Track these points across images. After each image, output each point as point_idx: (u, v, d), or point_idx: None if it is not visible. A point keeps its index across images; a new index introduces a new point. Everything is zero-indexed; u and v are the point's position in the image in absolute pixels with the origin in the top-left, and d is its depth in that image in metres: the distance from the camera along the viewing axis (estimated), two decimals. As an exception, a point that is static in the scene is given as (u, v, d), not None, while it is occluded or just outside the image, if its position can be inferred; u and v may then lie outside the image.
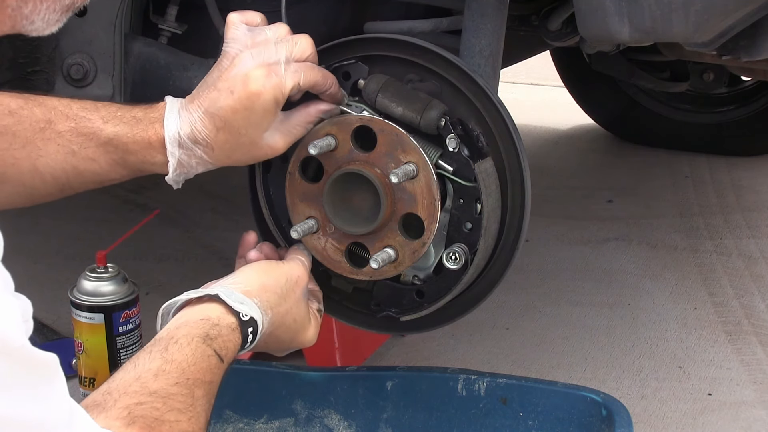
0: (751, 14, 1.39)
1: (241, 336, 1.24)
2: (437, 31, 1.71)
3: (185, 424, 1.07)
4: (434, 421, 1.68)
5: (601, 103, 3.88)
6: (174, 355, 1.13)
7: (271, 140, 1.34)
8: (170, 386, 1.09)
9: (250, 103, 1.29)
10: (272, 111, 1.31)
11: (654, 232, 3.00)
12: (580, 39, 1.90)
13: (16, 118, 1.33)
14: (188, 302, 1.26)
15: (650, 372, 2.17)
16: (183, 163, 1.34)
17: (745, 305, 2.50)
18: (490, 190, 1.38)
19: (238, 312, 1.24)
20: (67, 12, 0.95)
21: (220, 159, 1.34)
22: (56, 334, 2.16)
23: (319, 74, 1.34)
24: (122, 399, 1.04)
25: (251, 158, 1.38)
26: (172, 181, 1.37)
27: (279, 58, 1.30)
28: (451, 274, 1.41)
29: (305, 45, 1.34)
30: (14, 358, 0.81)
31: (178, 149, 1.32)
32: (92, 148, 1.34)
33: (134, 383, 1.07)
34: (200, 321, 1.21)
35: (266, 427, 1.72)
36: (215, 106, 1.30)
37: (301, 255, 1.43)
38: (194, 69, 1.75)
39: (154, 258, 2.75)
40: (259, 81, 1.28)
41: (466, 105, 1.40)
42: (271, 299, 1.31)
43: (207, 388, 1.14)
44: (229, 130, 1.30)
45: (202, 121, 1.31)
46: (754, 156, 3.66)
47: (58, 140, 1.33)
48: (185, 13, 1.82)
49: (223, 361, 1.19)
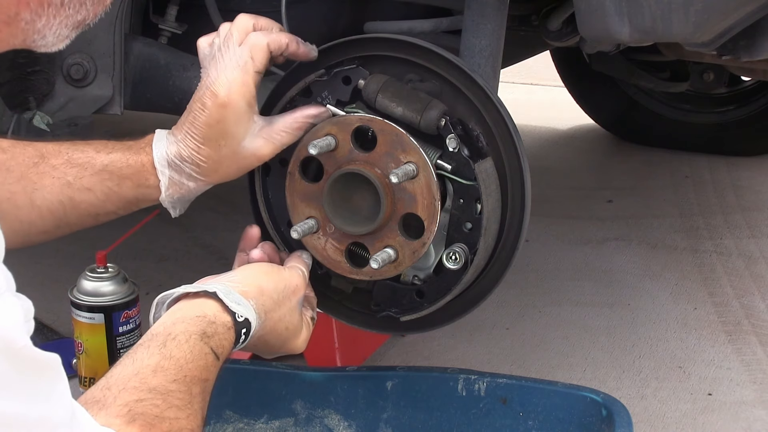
0: (751, 14, 1.39)
1: (235, 335, 1.24)
2: (437, 31, 1.71)
3: (184, 421, 1.07)
4: (434, 421, 1.68)
5: (601, 103, 3.88)
6: (172, 352, 1.14)
7: (253, 147, 1.36)
8: (169, 383, 1.09)
9: (222, 115, 1.33)
10: (245, 116, 1.34)
11: (654, 232, 3.00)
12: (580, 39, 1.90)
13: (8, 154, 1.35)
14: (184, 295, 1.26)
15: (650, 372, 2.17)
16: (174, 182, 1.37)
17: (745, 305, 2.50)
18: (490, 190, 1.38)
19: (234, 312, 1.24)
20: (77, 28, 0.95)
21: (209, 174, 1.37)
22: (56, 334, 2.16)
23: (266, 50, 1.34)
24: (122, 395, 1.04)
25: (238, 169, 1.39)
26: (167, 202, 1.40)
27: (233, 59, 1.33)
28: (451, 274, 1.41)
29: (242, 24, 1.35)
30: (17, 358, 0.81)
31: (168, 168, 1.36)
32: (87, 177, 1.36)
33: (133, 378, 1.07)
34: (197, 318, 1.21)
35: (266, 427, 1.72)
36: (194, 125, 1.35)
37: (302, 264, 1.43)
38: (194, 69, 1.75)
39: (154, 258, 2.75)
40: (222, 90, 1.32)
41: (466, 105, 1.40)
42: (267, 303, 1.31)
43: (203, 386, 1.14)
44: (208, 144, 1.34)
45: (185, 141, 1.35)
46: (754, 156, 3.66)
47: (53, 173, 1.36)
48: (185, 13, 1.82)
49: (218, 359, 1.19)
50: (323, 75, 1.43)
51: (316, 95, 1.44)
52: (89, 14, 0.93)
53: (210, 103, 1.33)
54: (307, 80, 1.44)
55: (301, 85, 1.44)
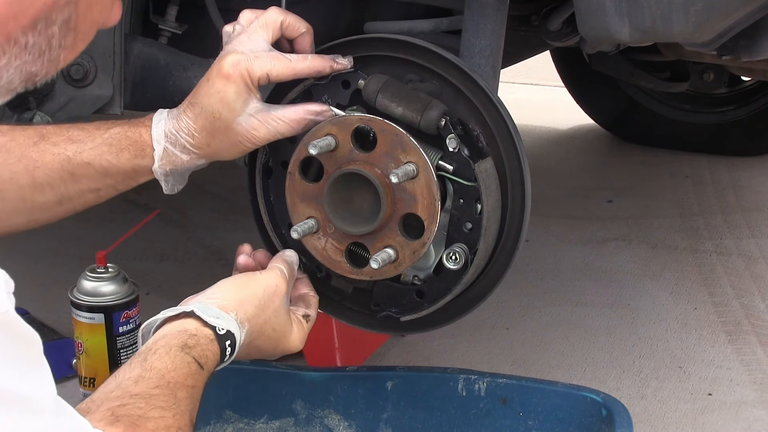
0: (751, 14, 1.39)
1: (219, 347, 1.25)
2: (437, 31, 1.71)
3: (170, 419, 1.08)
4: (434, 421, 1.68)
5: (601, 103, 3.88)
6: (153, 364, 1.16)
7: (247, 126, 1.37)
8: (151, 389, 1.11)
9: (222, 85, 1.35)
10: (244, 92, 1.35)
11: (654, 232, 3.00)
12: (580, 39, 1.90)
13: (8, 136, 1.37)
14: (167, 320, 1.28)
15: (650, 372, 2.17)
16: (168, 153, 1.39)
17: (745, 305, 2.50)
18: (490, 190, 1.38)
19: (214, 326, 1.26)
20: (26, 82, 0.90)
21: (202, 147, 1.39)
22: (56, 334, 2.16)
23: (289, 71, 1.38)
24: (105, 404, 1.06)
25: (230, 145, 1.39)
26: (159, 173, 1.40)
27: (251, 46, 1.36)
28: (451, 274, 1.41)
29: (270, 18, 1.39)
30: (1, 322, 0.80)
31: (164, 139, 1.39)
32: (86, 151, 1.38)
33: (115, 390, 1.09)
34: (177, 333, 1.23)
35: (266, 427, 1.72)
36: (195, 96, 1.38)
37: (282, 263, 1.43)
38: (194, 69, 1.76)
39: (154, 258, 2.75)
40: (228, 65, 1.35)
41: (466, 105, 1.40)
42: (248, 311, 1.33)
43: (189, 392, 1.15)
44: (205, 115, 1.37)
45: (185, 112, 1.38)
46: (754, 156, 3.66)
47: (53, 150, 1.38)
48: (185, 13, 1.82)
49: (203, 368, 1.20)
50: (323, 78, 1.43)
51: (316, 99, 1.44)
52: (42, 70, 0.88)
53: (213, 74, 1.36)
54: (306, 83, 1.44)
55: (300, 88, 1.44)
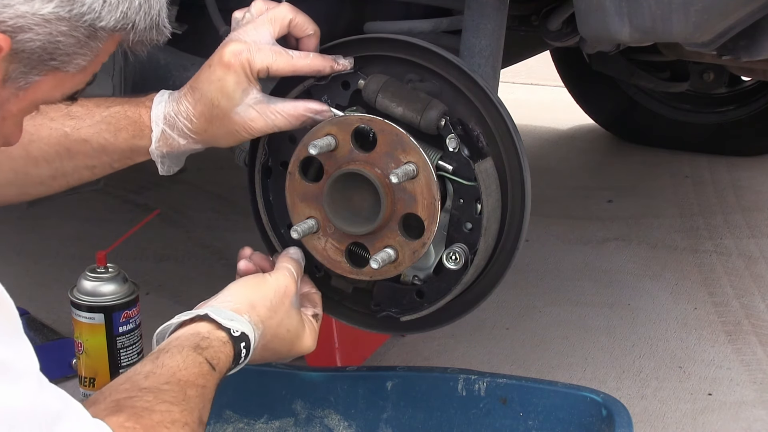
0: (751, 14, 1.39)
1: (233, 349, 1.26)
2: (437, 31, 1.71)
3: (177, 414, 1.08)
4: (434, 421, 1.68)
5: (601, 103, 3.88)
6: (165, 362, 1.16)
7: (245, 116, 1.37)
8: (161, 384, 1.11)
9: (222, 73, 1.35)
10: (243, 83, 1.35)
11: (654, 232, 3.00)
12: (580, 39, 1.90)
13: None
14: (181, 325, 1.28)
15: (650, 372, 2.17)
16: (166, 135, 1.39)
17: (745, 305, 2.50)
18: (490, 190, 1.38)
19: (228, 328, 1.26)
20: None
21: (198, 132, 1.39)
22: (56, 334, 2.16)
23: (290, 67, 1.37)
24: (112, 395, 1.07)
25: (227, 133, 1.40)
26: (155, 154, 1.41)
27: (256, 37, 1.36)
28: (451, 274, 1.41)
29: (280, 14, 1.38)
30: None
31: (163, 121, 1.39)
32: (84, 128, 1.39)
33: (125, 383, 1.10)
34: (191, 335, 1.24)
35: (266, 427, 1.72)
36: (196, 80, 1.39)
37: (289, 263, 1.43)
38: (194, 69, 1.74)
39: (154, 258, 2.75)
40: (229, 53, 1.35)
41: (466, 105, 1.40)
42: (261, 313, 1.33)
43: (200, 391, 1.15)
44: (204, 101, 1.37)
45: (185, 96, 1.39)
46: (754, 156, 3.66)
47: (51, 125, 1.38)
48: (185, 13, 1.82)
49: (215, 370, 1.21)
50: (323, 79, 1.43)
51: (316, 99, 1.44)
52: None
53: (215, 61, 1.36)
54: (306, 84, 1.44)
55: (300, 89, 1.44)
